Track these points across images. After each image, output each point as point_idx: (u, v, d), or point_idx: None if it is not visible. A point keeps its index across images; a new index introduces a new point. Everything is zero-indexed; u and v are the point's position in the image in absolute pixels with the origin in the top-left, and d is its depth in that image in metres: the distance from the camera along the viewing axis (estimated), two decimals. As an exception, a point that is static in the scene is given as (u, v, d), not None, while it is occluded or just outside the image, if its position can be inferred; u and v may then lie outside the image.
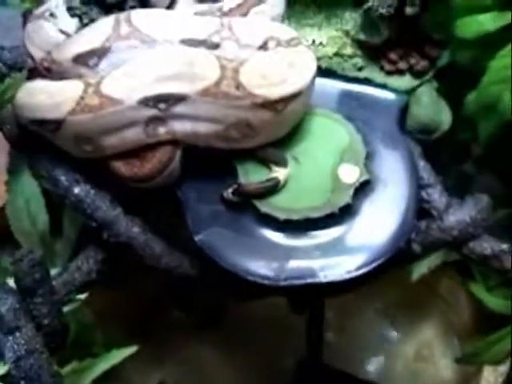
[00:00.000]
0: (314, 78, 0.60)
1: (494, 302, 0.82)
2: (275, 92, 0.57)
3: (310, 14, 0.69)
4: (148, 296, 0.89)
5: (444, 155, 0.75)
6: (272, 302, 0.77)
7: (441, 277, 0.89)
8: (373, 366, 0.91)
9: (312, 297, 0.66)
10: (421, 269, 0.83)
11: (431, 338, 0.92)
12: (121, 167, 0.61)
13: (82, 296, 0.67)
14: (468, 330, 0.88)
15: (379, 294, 0.94)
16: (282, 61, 0.59)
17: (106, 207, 0.63)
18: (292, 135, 0.62)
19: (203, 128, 0.59)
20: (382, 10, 0.63)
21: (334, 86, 0.66)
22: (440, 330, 0.92)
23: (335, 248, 0.59)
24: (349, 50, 0.66)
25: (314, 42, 0.66)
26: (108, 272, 0.68)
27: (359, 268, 0.59)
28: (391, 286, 0.93)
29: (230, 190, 0.60)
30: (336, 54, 0.66)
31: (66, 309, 0.67)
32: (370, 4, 0.63)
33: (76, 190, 0.63)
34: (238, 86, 0.57)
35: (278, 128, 0.60)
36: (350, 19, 0.68)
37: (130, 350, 0.69)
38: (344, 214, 0.60)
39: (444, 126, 0.68)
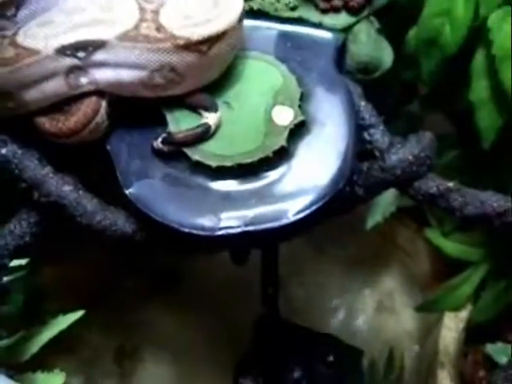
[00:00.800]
0: (241, 18, 0.57)
1: (450, 247, 0.80)
2: (198, 32, 0.54)
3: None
4: (102, 264, 0.87)
5: (390, 96, 0.73)
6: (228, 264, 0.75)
7: (398, 226, 0.87)
8: (334, 319, 0.89)
9: (251, 246, 0.63)
10: (375, 217, 0.81)
11: (392, 289, 0.90)
12: (45, 123, 0.58)
13: (23, 261, 0.65)
14: (428, 278, 0.87)
15: (337, 246, 0.92)
16: (205, 1, 0.56)
17: (35, 166, 0.60)
18: (222, 79, 0.59)
19: (126, 75, 0.56)
20: None
21: (268, 27, 0.63)
22: (401, 280, 0.90)
23: (272, 193, 0.57)
24: (281, -10, 0.63)
25: (244, -17, 0.63)
26: (48, 241, 0.65)
27: (298, 213, 0.56)
28: (349, 239, 0.91)
29: (160, 140, 0.57)
30: (268, -5, 0.63)
31: (11, 277, 0.65)
32: None
33: (3, 151, 0.60)
34: (159, 27, 0.54)
35: (204, 71, 0.57)
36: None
37: (77, 314, 0.67)
38: (279, 157, 0.57)
39: (385, 64, 0.65)
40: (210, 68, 0.57)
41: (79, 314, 0.67)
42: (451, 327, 0.81)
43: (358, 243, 0.90)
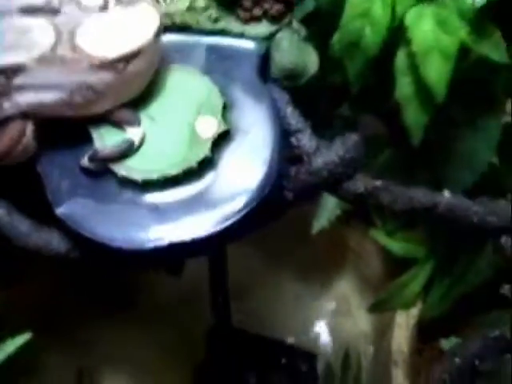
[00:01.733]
0: (158, 34, 0.58)
1: (395, 246, 0.81)
2: (112, 51, 0.55)
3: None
4: (54, 283, 0.87)
5: (321, 100, 0.74)
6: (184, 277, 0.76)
7: (346, 229, 0.88)
8: (291, 326, 0.90)
9: (184, 257, 0.64)
10: (321, 222, 0.82)
11: (347, 292, 0.91)
12: None
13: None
14: (381, 278, 0.88)
15: (288, 254, 0.92)
16: (120, 20, 0.57)
17: (-34, 191, 0.61)
18: (145, 93, 0.60)
19: (47, 97, 0.56)
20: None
21: (190, 40, 0.64)
22: (354, 282, 0.91)
23: (198, 204, 0.58)
24: (201, 3, 0.64)
25: (165, -2, 0.64)
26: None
27: (225, 221, 0.57)
28: (299, 246, 0.92)
29: (87, 158, 0.58)
30: (189, 8, 0.64)
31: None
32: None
33: None
34: (74, 48, 0.55)
35: (123, 89, 0.58)
36: (207, -27, 0.66)
37: (24, 337, 0.68)
38: (204, 167, 0.58)
39: (310, 70, 0.66)
40: (129, 85, 0.58)
41: (26, 336, 0.67)
42: (403, 325, 0.82)
43: (309, 250, 0.91)
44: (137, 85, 0.59)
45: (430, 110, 0.65)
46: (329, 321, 0.90)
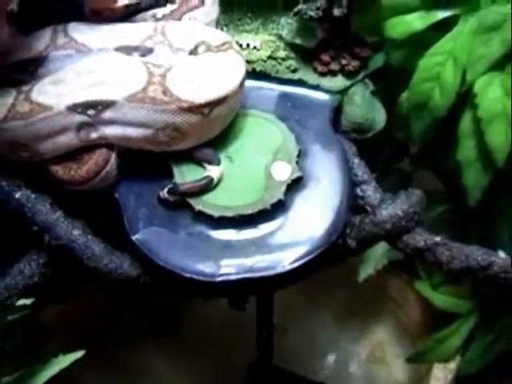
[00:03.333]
0: (243, 82, 0.64)
1: (439, 299, 0.86)
2: (201, 96, 0.61)
3: (247, 20, 0.74)
4: (105, 305, 0.93)
5: (383, 154, 0.80)
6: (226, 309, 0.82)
7: (389, 277, 0.93)
8: (326, 368, 0.95)
9: (249, 293, 0.69)
10: (367, 270, 0.88)
11: (383, 339, 0.96)
12: (58, 170, 0.64)
13: (28, 301, 0.71)
14: (419, 329, 0.93)
15: (330, 296, 0.98)
16: (209, 65, 0.63)
17: (47, 211, 0.66)
18: (226, 136, 0.66)
19: (133, 132, 0.62)
20: (311, 13, 0.67)
21: (269, 88, 0.71)
22: (392, 330, 0.96)
23: (269, 243, 0.63)
24: (282, 53, 0.71)
25: (248, 46, 0.71)
26: (53, 279, 0.71)
27: (293, 262, 0.62)
28: (341, 289, 0.97)
29: (166, 190, 0.64)
30: (270, 57, 0.71)
31: (15, 315, 0.71)
32: (299, 7, 0.68)
33: (17, 195, 0.67)
34: (165, 91, 0.61)
35: (205, 131, 0.64)
36: (286, 24, 0.73)
37: (77, 354, 0.73)
38: (277, 210, 0.64)
39: (378, 125, 0.73)
40: (211, 127, 0.64)
41: (79, 354, 0.73)
42: (440, 378, 0.87)
43: (351, 294, 0.97)
44: (219, 127, 0.65)
45: (490, 174, 0.71)
46: (363, 366, 0.95)
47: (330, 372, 0.95)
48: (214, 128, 0.65)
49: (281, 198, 0.64)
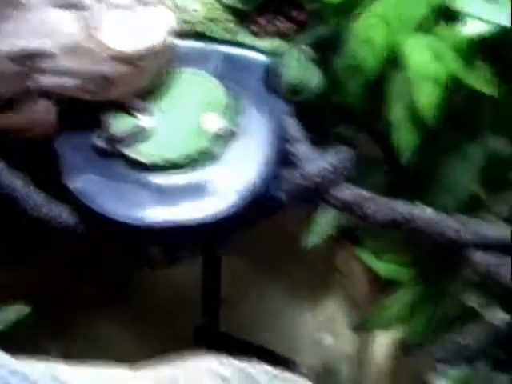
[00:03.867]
0: (171, 36, 0.69)
1: (382, 267, 0.89)
2: (130, 47, 0.66)
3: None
4: (54, 272, 0.96)
5: (325, 119, 0.84)
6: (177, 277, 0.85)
7: (337, 250, 0.96)
8: (274, 340, 0.97)
9: (177, 240, 0.72)
10: (314, 239, 0.91)
11: (332, 311, 0.99)
12: None
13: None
14: (366, 300, 0.96)
15: (281, 271, 1.01)
16: (140, 19, 0.68)
17: (-13, 162, 0.70)
18: (161, 90, 0.71)
19: (68, 82, 0.67)
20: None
21: (207, 48, 0.75)
22: (340, 302, 0.99)
23: (198, 191, 0.67)
24: (221, 16, 0.75)
25: (187, 8, 0.75)
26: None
27: (220, 211, 0.66)
28: (292, 264, 1.01)
29: (101, 139, 0.68)
30: (209, 19, 0.75)
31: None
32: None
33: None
34: (98, 42, 0.66)
35: (136, 81, 0.68)
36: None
37: (25, 309, 0.77)
38: (206, 159, 0.68)
39: (314, 87, 0.76)
40: (141, 79, 0.69)
41: (27, 309, 0.76)
42: (383, 346, 0.90)
43: (301, 268, 1.00)
44: (149, 78, 0.69)
45: (420, 134, 0.74)
46: (311, 338, 0.98)
47: (279, 344, 0.97)
48: (145, 79, 0.69)
49: (208, 148, 0.68)
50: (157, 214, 0.66)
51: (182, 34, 0.74)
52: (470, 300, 0.70)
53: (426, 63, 0.71)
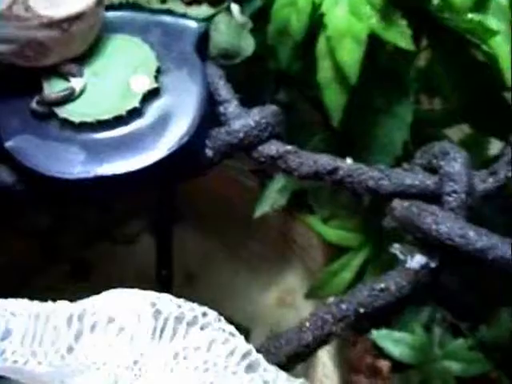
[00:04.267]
0: (100, 1, 0.74)
1: (329, 233, 0.93)
2: (59, 12, 0.71)
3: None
4: (12, 255, 1.01)
5: (264, 86, 0.88)
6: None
7: (295, 224, 1.00)
8: (233, 313, 1.01)
9: (109, 192, 0.77)
10: (263, 207, 0.95)
11: (292, 284, 1.03)
12: None
13: None
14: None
15: (243, 247, 1.05)
16: None
17: None
18: (92, 54, 0.75)
19: (3, 48, 0.72)
20: None
21: (140, 17, 0.80)
22: (300, 275, 1.02)
23: (123, 146, 0.71)
24: (153, -14, 0.80)
25: (121, -20, 0.80)
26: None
27: (144, 164, 0.71)
28: (255, 240, 1.05)
29: (35, 101, 0.73)
30: (141, -11, 0.80)
31: None
32: None
33: None
34: (27, 8, 0.71)
35: (67, 46, 0.73)
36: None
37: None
38: (133, 116, 0.72)
39: (245, 51, 0.81)
40: (72, 43, 0.73)
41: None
42: (335, 312, 0.93)
43: (263, 244, 1.04)
44: (80, 43, 0.74)
45: (346, 92, 0.78)
46: (272, 311, 1.02)
47: (239, 317, 1.01)
48: (76, 44, 0.74)
49: (136, 106, 0.72)
50: (87, 168, 0.71)
51: (116, 5, 0.79)
52: (393, 248, 0.73)
53: (344, 20, 0.75)
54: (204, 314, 0.59)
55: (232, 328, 0.59)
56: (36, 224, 1.02)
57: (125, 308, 0.60)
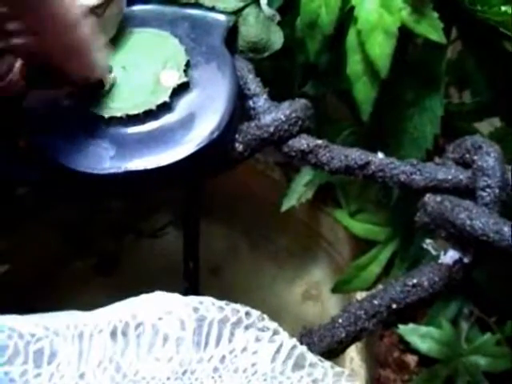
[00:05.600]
0: None
1: (357, 227, 0.93)
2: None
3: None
4: (42, 246, 1.02)
5: (293, 79, 0.88)
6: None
7: (322, 218, 1.00)
8: (263, 307, 1.01)
9: (140, 188, 0.77)
10: (290, 201, 0.95)
11: (318, 278, 1.03)
12: None
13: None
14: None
15: (270, 241, 1.05)
16: None
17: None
18: (121, 49, 0.76)
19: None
20: None
21: (168, 10, 0.80)
22: (326, 269, 1.02)
23: (154, 141, 0.72)
24: (181, -21, 0.80)
25: (150, -27, 0.80)
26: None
27: (175, 158, 0.71)
28: (281, 235, 1.05)
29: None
30: (170, -17, 0.80)
31: None
32: None
33: None
34: None
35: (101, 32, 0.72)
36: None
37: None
38: (163, 110, 0.72)
39: (274, 45, 0.81)
40: (106, 29, 0.73)
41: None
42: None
43: (289, 238, 1.04)
44: (111, 29, 0.74)
45: (377, 86, 0.78)
46: (298, 304, 1.02)
47: (266, 310, 1.01)
48: (108, 30, 0.74)
49: (166, 100, 0.72)
50: (117, 164, 0.71)
51: (145, -1, 0.79)
52: (425, 243, 0.73)
53: (374, 13, 0.74)
54: (247, 314, 0.60)
55: (275, 325, 0.59)
56: (62, 217, 1.02)
57: (167, 316, 0.60)
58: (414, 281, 0.72)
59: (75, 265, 1.04)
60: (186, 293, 0.96)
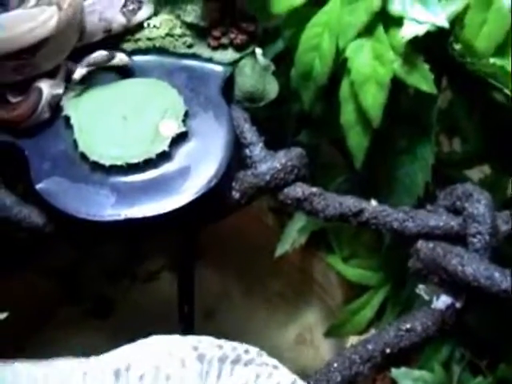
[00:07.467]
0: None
1: (350, 272, 0.95)
2: None
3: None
4: (36, 290, 1.04)
5: (287, 129, 0.92)
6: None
7: (315, 263, 1.03)
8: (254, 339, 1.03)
9: (139, 233, 0.79)
10: (284, 246, 0.98)
11: (311, 323, 1.05)
12: None
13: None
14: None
15: (262, 285, 1.08)
16: None
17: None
18: (123, 99, 0.79)
19: None
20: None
21: (166, 61, 0.83)
22: (319, 313, 1.05)
23: (153, 189, 0.75)
24: (179, 31, 0.83)
25: (149, 25, 0.84)
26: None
27: (174, 206, 0.74)
28: (274, 278, 1.07)
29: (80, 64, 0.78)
30: (168, 35, 0.83)
31: None
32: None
33: None
34: None
35: None
36: (192, 10, 0.85)
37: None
38: (162, 159, 0.76)
39: (270, 95, 0.84)
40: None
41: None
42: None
43: (282, 282, 1.07)
44: None
45: (369, 135, 0.81)
46: (291, 348, 1.04)
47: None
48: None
49: (165, 150, 0.76)
50: (118, 211, 0.74)
51: (143, 49, 0.82)
52: (418, 288, 0.76)
53: (367, 65, 0.78)
54: (246, 351, 0.62)
55: (275, 361, 0.61)
56: (58, 261, 1.05)
57: (168, 355, 0.62)
58: (408, 325, 0.74)
59: (71, 309, 1.05)
60: (182, 335, 0.98)
